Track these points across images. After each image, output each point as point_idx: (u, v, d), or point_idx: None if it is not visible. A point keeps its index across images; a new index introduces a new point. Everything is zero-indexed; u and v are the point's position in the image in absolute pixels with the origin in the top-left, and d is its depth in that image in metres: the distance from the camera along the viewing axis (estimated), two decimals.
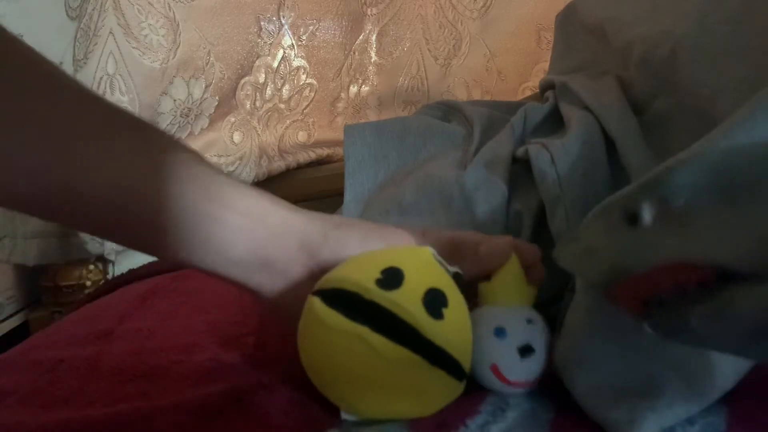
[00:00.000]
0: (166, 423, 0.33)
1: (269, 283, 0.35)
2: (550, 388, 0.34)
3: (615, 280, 0.27)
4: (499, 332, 0.33)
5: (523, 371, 0.34)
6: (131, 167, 0.32)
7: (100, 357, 0.42)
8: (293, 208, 0.37)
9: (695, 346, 0.28)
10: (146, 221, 0.33)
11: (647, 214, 0.26)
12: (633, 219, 0.27)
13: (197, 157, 0.35)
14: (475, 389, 0.34)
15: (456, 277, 0.34)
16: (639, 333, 0.29)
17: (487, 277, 0.36)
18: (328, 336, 0.31)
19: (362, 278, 0.31)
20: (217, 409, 0.34)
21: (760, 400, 0.32)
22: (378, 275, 0.31)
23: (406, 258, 0.33)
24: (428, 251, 0.34)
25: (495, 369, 0.33)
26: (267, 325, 0.44)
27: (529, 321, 0.35)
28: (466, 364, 0.32)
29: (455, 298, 0.33)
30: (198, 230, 0.33)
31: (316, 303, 0.32)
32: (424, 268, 0.33)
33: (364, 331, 0.30)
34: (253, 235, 0.34)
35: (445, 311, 0.31)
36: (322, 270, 0.35)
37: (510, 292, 0.35)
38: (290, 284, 0.35)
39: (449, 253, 0.36)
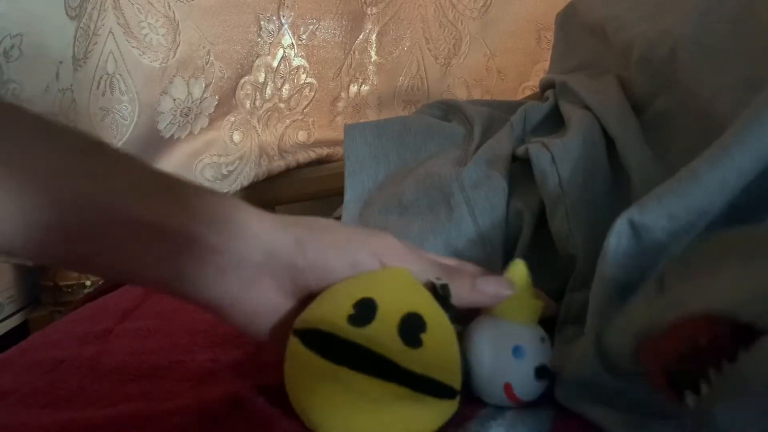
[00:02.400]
0: (168, 427, 0.33)
1: (230, 302, 0.32)
2: (550, 386, 0.34)
3: (639, 343, 0.26)
4: (518, 351, 0.33)
5: (535, 391, 0.33)
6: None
7: (101, 357, 0.42)
8: (258, 212, 0.33)
9: None
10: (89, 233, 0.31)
11: (670, 275, 0.25)
12: (662, 284, 0.26)
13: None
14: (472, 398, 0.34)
15: (443, 289, 0.33)
16: None
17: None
18: (309, 379, 0.31)
19: (335, 316, 0.31)
20: (220, 413, 0.34)
21: None
22: (350, 310, 0.30)
23: (380, 284, 0.32)
24: (405, 271, 0.33)
25: (508, 388, 0.33)
26: None
27: (542, 340, 0.34)
28: (455, 383, 0.31)
29: (434, 318, 0.32)
30: (139, 241, 0.31)
31: (294, 344, 0.31)
32: (400, 291, 0.32)
33: (342, 371, 0.29)
34: (195, 246, 0.31)
35: (424, 336, 0.30)
36: (299, 283, 0.33)
37: (523, 307, 0.35)
38: (259, 301, 0.33)
39: (441, 275, 0.34)
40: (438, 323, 0.32)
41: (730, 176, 0.31)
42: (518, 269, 0.36)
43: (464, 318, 0.36)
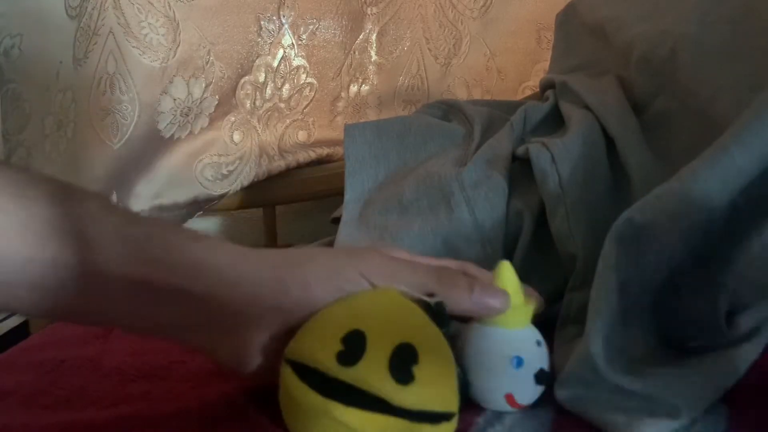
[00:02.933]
0: (169, 428, 0.33)
1: (218, 345, 0.33)
2: (549, 388, 0.34)
3: None
4: (517, 362, 0.33)
5: (535, 395, 0.33)
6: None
7: (101, 357, 0.43)
8: (241, 254, 0.34)
9: None
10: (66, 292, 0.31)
11: None
12: None
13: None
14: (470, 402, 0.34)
15: (438, 307, 0.33)
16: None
17: None
18: (302, 411, 0.30)
19: (323, 353, 0.30)
20: (220, 414, 0.34)
21: (761, 400, 0.32)
22: (339, 346, 0.30)
23: (368, 311, 0.32)
24: (394, 292, 0.33)
25: (510, 398, 0.33)
26: None
27: (538, 343, 0.34)
28: (452, 408, 0.31)
29: (427, 344, 0.31)
30: (123, 295, 0.32)
31: (287, 374, 0.31)
32: (389, 318, 0.32)
33: (334, 406, 0.29)
34: (180, 297, 0.32)
35: (416, 369, 0.29)
36: (287, 322, 0.32)
37: (515, 312, 0.34)
38: (246, 345, 0.33)
39: (436, 285, 0.34)
40: (431, 349, 0.31)
41: (730, 176, 0.31)
42: (506, 272, 0.35)
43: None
